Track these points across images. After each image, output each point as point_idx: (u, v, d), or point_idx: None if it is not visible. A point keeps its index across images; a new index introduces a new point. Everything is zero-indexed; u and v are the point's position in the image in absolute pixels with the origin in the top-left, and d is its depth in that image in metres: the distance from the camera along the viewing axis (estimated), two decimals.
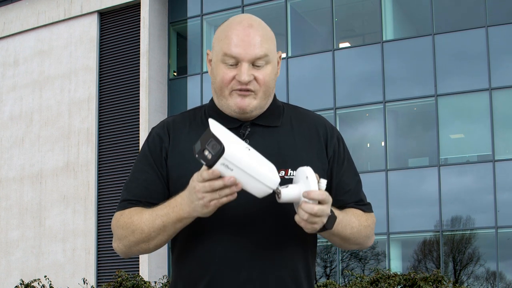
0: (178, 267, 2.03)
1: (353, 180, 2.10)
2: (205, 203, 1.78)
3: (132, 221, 1.95)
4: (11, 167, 21.00)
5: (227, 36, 1.97)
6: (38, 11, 21.11)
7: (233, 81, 1.97)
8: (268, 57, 1.98)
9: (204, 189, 1.76)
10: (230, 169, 1.73)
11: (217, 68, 1.99)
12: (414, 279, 9.74)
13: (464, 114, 17.27)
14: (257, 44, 1.96)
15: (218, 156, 1.71)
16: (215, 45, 2.02)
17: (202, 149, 1.73)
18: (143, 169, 2.03)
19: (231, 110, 2.00)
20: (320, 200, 1.80)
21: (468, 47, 16.92)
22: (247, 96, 1.98)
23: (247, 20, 2.00)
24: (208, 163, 1.72)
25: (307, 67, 18.36)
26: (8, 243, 20.64)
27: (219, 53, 1.98)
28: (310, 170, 1.82)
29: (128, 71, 19.77)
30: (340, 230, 1.96)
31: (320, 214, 1.81)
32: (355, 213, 2.04)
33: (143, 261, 18.27)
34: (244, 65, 1.95)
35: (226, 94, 1.99)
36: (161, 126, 2.08)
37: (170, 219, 1.88)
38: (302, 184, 1.82)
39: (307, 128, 2.07)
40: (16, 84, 21.37)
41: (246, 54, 1.95)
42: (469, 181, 16.69)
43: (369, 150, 18.53)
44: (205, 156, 1.72)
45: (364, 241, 2.07)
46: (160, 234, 1.92)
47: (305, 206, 1.79)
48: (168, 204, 1.90)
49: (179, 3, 20.12)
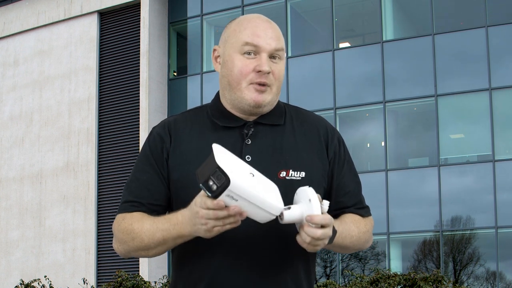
0: (178, 268, 2.03)
1: (353, 182, 2.10)
2: (208, 229, 1.78)
3: (133, 228, 1.95)
4: (11, 167, 21.00)
5: (247, 28, 1.99)
6: (38, 11, 21.11)
7: (252, 73, 1.97)
8: (283, 53, 2.02)
9: (208, 216, 1.75)
10: (235, 199, 1.72)
11: (233, 60, 1.99)
12: (414, 279, 9.74)
13: (464, 114, 17.27)
14: (277, 37, 2.00)
15: (223, 188, 1.69)
16: (230, 38, 2.02)
17: (207, 179, 1.71)
18: (144, 169, 2.03)
19: (246, 103, 1.99)
20: (323, 224, 1.80)
21: (468, 47, 16.92)
22: (264, 92, 1.99)
23: (263, 16, 2.05)
24: (213, 195, 1.71)
25: (307, 67, 18.36)
26: (8, 243, 20.64)
27: (237, 44, 1.99)
28: (313, 192, 1.82)
29: (128, 71, 19.77)
30: (340, 242, 1.97)
31: (323, 238, 1.81)
32: (353, 220, 2.05)
33: (143, 261, 18.27)
34: (264, 56, 1.97)
35: (242, 87, 1.99)
36: (162, 126, 2.07)
37: (170, 235, 1.89)
38: (304, 205, 1.82)
39: (308, 129, 2.08)
40: (16, 84, 21.36)
41: (267, 45, 1.98)
42: (469, 181, 16.69)
43: (369, 150, 18.53)
44: (210, 187, 1.71)
45: (363, 246, 2.09)
46: (160, 246, 1.93)
47: (308, 231, 1.80)
48: (169, 219, 1.89)
49: (179, 3, 20.12)
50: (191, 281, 1.98)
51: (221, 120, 2.03)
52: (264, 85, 1.98)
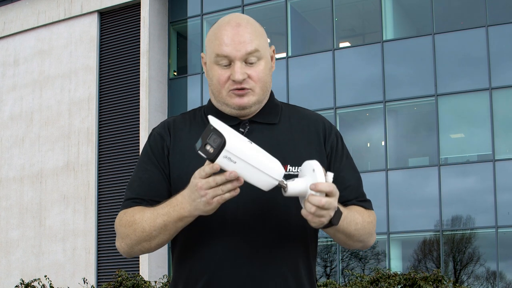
0: (179, 267, 2.04)
1: (353, 176, 2.09)
2: (207, 200, 1.77)
3: (134, 219, 1.95)
4: (11, 167, 21.01)
5: (217, 37, 1.99)
6: (38, 11, 21.11)
7: (229, 81, 1.98)
8: (260, 53, 1.99)
9: (208, 185, 1.74)
10: (233, 161, 1.70)
11: (211, 70, 2.01)
12: (414, 279, 9.74)
13: (464, 114, 17.27)
14: (247, 41, 1.97)
15: (220, 149, 1.68)
16: (207, 47, 2.04)
17: (204, 144, 1.70)
18: (145, 168, 2.04)
19: (231, 107, 2.01)
20: (328, 192, 1.77)
21: (468, 47, 16.92)
22: (245, 95, 1.99)
23: (235, 19, 2.01)
24: (210, 157, 1.70)
25: (307, 67, 18.36)
26: (8, 243, 20.65)
27: (211, 55, 2.00)
28: (317, 163, 1.79)
29: (128, 71, 19.77)
30: (345, 226, 1.94)
31: (328, 207, 1.78)
32: (357, 210, 2.03)
33: (143, 261, 18.28)
34: (237, 64, 1.96)
35: (224, 95, 2.00)
36: (162, 126, 2.10)
37: (171, 218, 1.88)
38: (309, 177, 1.79)
39: (306, 125, 2.08)
40: (16, 83, 21.37)
41: (237, 52, 1.96)
42: (469, 181, 16.69)
43: (369, 150, 18.53)
44: (207, 150, 1.70)
45: (367, 238, 2.05)
46: (161, 233, 1.92)
47: (312, 199, 1.76)
48: (169, 202, 1.89)
49: (179, 2, 20.12)
50: (192, 277, 1.98)
51: (217, 119, 2.04)
52: (243, 89, 1.98)
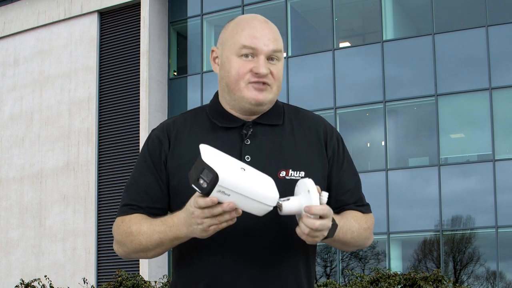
0: (179, 270, 2.04)
1: (352, 180, 2.10)
2: (204, 228, 1.79)
3: (131, 231, 1.96)
4: (11, 167, 21.01)
5: (245, 29, 1.99)
6: (38, 11, 21.11)
7: (249, 73, 1.98)
8: (281, 53, 2.02)
9: (204, 215, 1.76)
10: (227, 194, 1.73)
11: (230, 61, 2.00)
12: (414, 279, 9.74)
13: (464, 114, 17.27)
14: (275, 39, 2.00)
15: (213, 185, 1.71)
16: (227, 40, 2.02)
17: (197, 178, 1.73)
18: (142, 172, 2.04)
19: (247, 102, 1.99)
20: (322, 215, 1.80)
21: (468, 47, 16.92)
22: (263, 90, 1.99)
23: (260, 16, 2.05)
24: (204, 192, 1.72)
25: (307, 67, 18.35)
26: (8, 243, 20.65)
27: (234, 46, 1.99)
28: (312, 183, 1.82)
29: (128, 71, 19.77)
30: (341, 236, 1.97)
31: (321, 229, 1.81)
32: (354, 216, 2.04)
33: (143, 261, 18.27)
34: (262, 58, 1.97)
35: (241, 87, 1.99)
36: (160, 128, 2.08)
37: (167, 236, 1.90)
38: (303, 197, 1.82)
39: (307, 128, 2.08)
40: (16, 83, 21.37)
41: (264, 46, 1.98)
42: (469, 181, 16.69)
43: (369, 149, 18.53)
44: (200, 185, 1.72)
45: (363, 242, 2.08)
46: (158, 247, 1.94)
47: (306, 221, 1.80)
48: (165, 221, 1.90)
49: (179, 2, 20.12)
50: (192, 280, 1.98)
51: (220, 120, 2.04)
52: (264, 83, 1.98)
